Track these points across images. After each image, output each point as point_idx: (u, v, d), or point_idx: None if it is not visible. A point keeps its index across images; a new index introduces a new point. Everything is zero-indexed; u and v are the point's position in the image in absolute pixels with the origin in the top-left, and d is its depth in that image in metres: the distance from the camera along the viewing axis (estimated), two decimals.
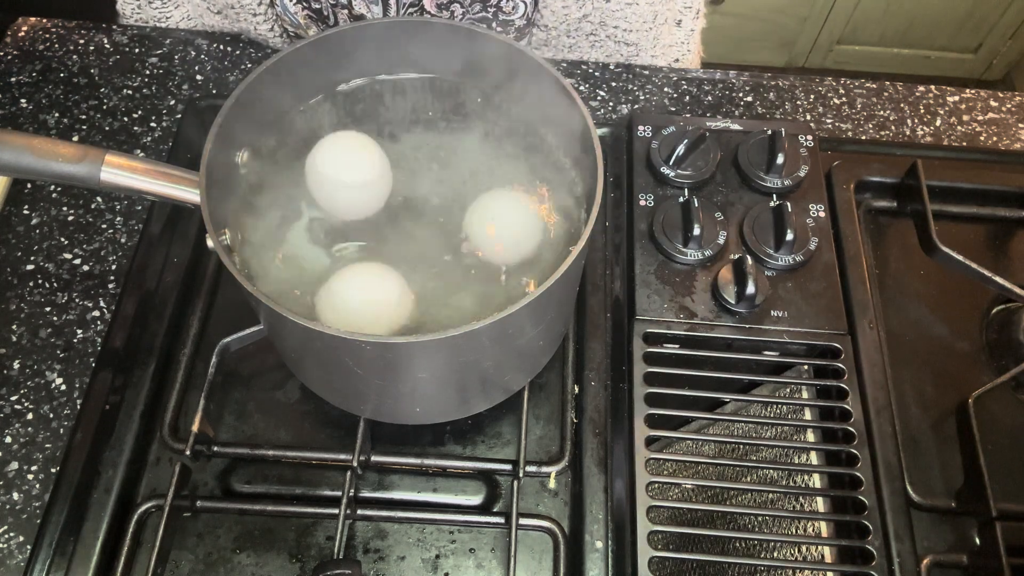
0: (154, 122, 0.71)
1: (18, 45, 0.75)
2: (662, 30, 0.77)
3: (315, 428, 0.58)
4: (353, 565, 0.49)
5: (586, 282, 0.62)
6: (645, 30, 0.75)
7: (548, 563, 0.54)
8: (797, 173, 0.64)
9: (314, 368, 0.53)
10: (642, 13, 0.74)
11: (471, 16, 0.70)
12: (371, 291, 0.48)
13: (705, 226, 0.60)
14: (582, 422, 0.57)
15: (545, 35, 0.75)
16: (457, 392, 0.53)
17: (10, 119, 0.70)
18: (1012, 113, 0.75)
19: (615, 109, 0.74)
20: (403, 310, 0.49)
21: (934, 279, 0.65)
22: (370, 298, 0.48)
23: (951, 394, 0.59)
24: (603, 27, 0.74)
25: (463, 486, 0.56)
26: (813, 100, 0.76)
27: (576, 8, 0.72)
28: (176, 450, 0.56)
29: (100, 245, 0.64)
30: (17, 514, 0.53)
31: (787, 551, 0.55)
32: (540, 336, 0.51)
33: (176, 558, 0.53)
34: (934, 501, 0.55)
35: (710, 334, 0.58)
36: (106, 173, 0.46)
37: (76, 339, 0.60)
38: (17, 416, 0.57)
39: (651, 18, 0.74)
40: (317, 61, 0.53)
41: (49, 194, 0.67)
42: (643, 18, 0.74)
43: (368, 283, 0.49)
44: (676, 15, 0.77)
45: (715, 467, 0.57)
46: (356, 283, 0.49)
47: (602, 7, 0.72)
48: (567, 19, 0.73)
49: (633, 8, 0.73)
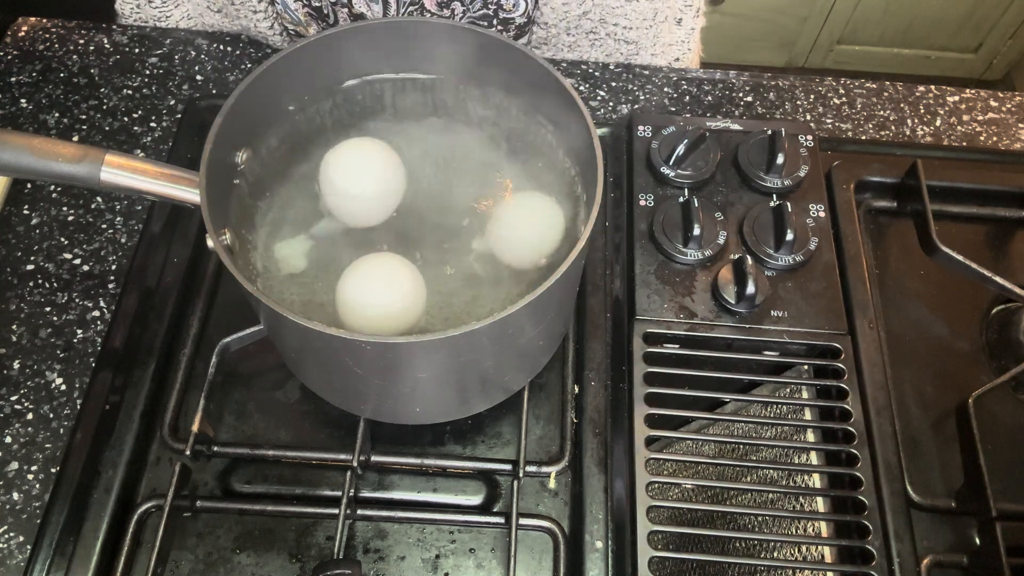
0: (154, 122, 0.71)
1: (18, 45, 0.75)
2: (662, 28, 0.77)
3: (315, 428, 0.58)
4: (353, 565, 0.49)
5: (586, 282, 0.62)
6: (645, 28, 0.75)
7: (548, 563, 0.54)
8: (797, 173, 0.64)
9: (314, 368, 0.53)
10: (642, 10, 0.73)
11: (472, 14, 0.70)
12: (391, 284, 0.49)
13: (705, 226, 0.60)
14: (582, 422, 0.57)
15: (545, 33, 0.75)
16: (457, 392, 0.53)
17: (10, 119, 0.70)
18: (1012, 113, 0.75)
19: (615, 109, 0.74)
20: (421, 303, 0.50)
21: (934, 279, 0.65)
22: (389, 291, 0.48)
23: (951, 394, 0.59)
24: (603, 24, 0.74)
25: (463, 486, 0.56)
26: (813, 100, 0.76)
27: (576, 5, 0.72)
28: (176, 450, 0.56)
29: (100, 245, 0.64)
30: (17, 514, 0.53)
31: (787, 551, 0.55)
32: (540, 336, 0.51)
33: (176, 558, 0.53)
34: (934, 501, 0.55)
35: (710, 334, 0.58)
36: (106, 173, 0.46)
37: (76, 339, 0.60)
38: (17, 416, 0.57)
39: (651, 15, 0.74)
40: (317, 61, 0.53)
41: (49, 194, 0.67)
42: (643, 15, 0.74)
43: (387, 275, 0.49)
44: (676, 13, 0.77)
45: (715, 467, 0.57)
46: (375, 275, 0.49)
47: (602, 4, 0.72)
48: (567, 16, 0.73)
49: (633, 5, 0.73)
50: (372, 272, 0.49)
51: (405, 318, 0.49)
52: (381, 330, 0.48)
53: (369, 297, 0.48)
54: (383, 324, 0.48)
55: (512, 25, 0.72)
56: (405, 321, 0.49)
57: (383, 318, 0.48)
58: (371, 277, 0.49)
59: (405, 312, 0.49)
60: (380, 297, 0.48)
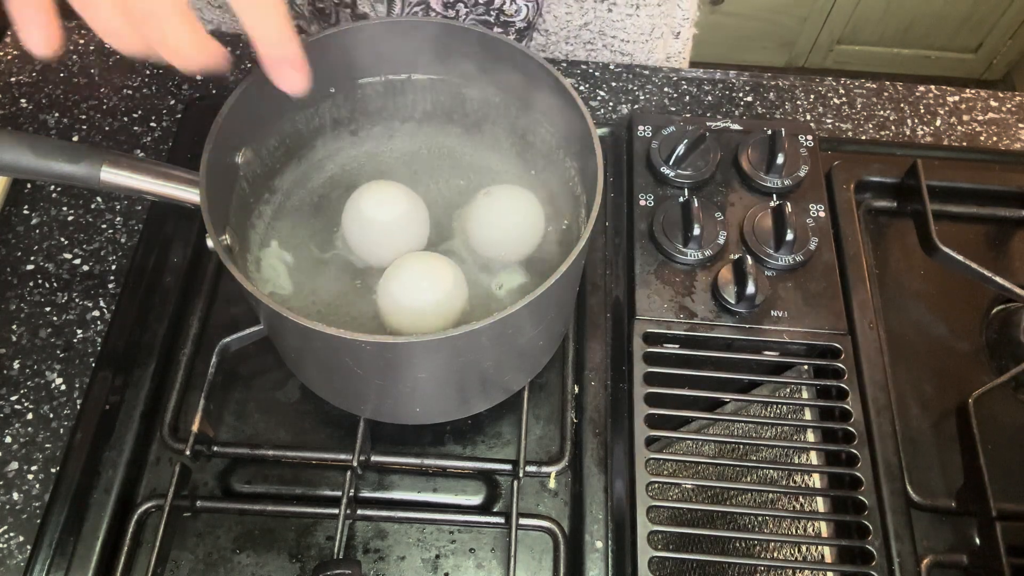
0: (154, 122, 0.71)
1: (18, 45, 0.75)
2: (658, 43, 0.77)
3: (315, 428, 0.58)
4: (353, 565, 0.49)
5: (586, 282, 0.62)
6: (642, 41, 0.76)
7: (548, 563, 0.54)
8: (797, 173, 0.64)
9: (314, 368, 0.53)
10: (641, 25, 0.74)
11: (474, 16, 0.70)
12: (434, 280, 0.50)
13: (705, 226, 0.60)
14: (582, 422, 0.57)
15: (544, 40, 0.75)
16: (457, 392, 0.53)
17: (10, 119, 0.70)
18: (1012, 113, 0.75)
19: (615, 109, 0.74)
20: (462, 298, 0.51)
21: (934, 279, 0.65)
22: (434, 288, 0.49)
23: (951, 394, 0.59)
24: (601, 36, 0.75)
25: (463, 486, 0.56)
26: (813, 100, 0.76)
27: (579, 15, 0.72)
28: (176, 450, 0.56)
29: (100, 245, 0.64)
30: (17, 514, 0.53)
31: (787, 551, 0.55)
32: (540, 336, 0.51)
33: (176, 558, 0.53)
34: (934, 501, 0.55)
35: (710, 334, 0.58)
36: (106, 173, 0.46)
37: (76, 339, 0.60)
38: (17, 416, 0.57)
39: (649, 30, 0.75)
40: (318, 60, 0.52)
41: (49, 194, 0.67)
42: (641, 30, 0.75)
43: (430, 271, 0.50)
44: (675, 27, 0.78)
45: (715, 467, 0.57)
46: (419, 270, 0.50)
47: (604, 16, 0.72)
48: (568, 25, 0.73)
49: (633, 20, 0.73)
50: (417, 268, 0.50)
51: (448, 315, 0.50)
52: (425, 327, 0.49)
53: (415, 294, 0.49)
54: (425, 322, 0.49)
55: (512, 29, 0.72)
56: (447, 318, 0.50)
57: (426, 315, 0.49)
58: (416, 274, 0.50)
59: (449, 310, 0.50)
60: (425, 295, 0.49)
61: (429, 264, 0.50)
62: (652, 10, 0.73)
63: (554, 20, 0.73)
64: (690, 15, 0.78)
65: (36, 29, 0.36)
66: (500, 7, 0.69)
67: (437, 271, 0.50)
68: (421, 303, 0.49)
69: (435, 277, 0.50)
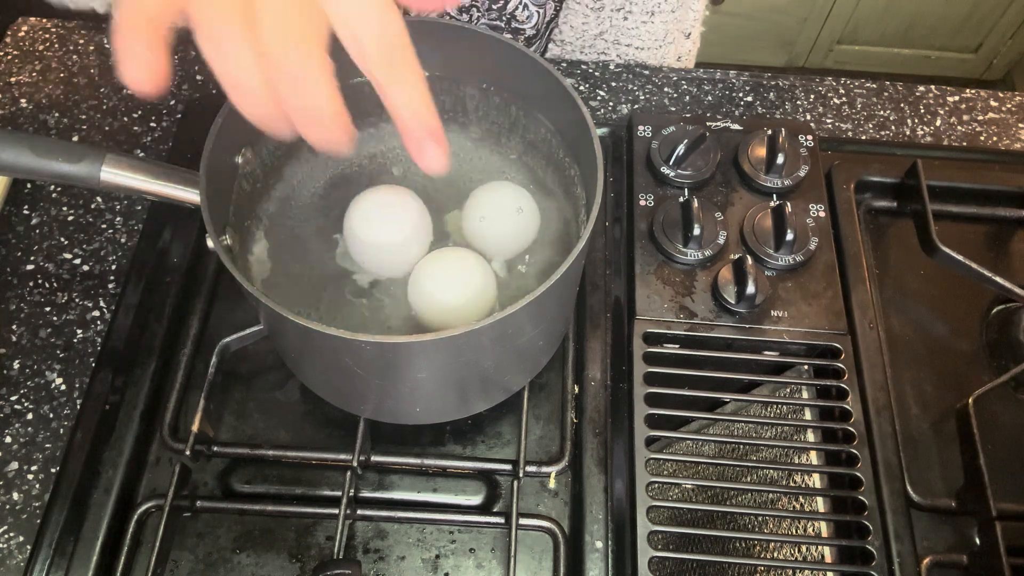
0: (154, 122, 0.71)
1: (18, 45, 0.75)
2: (670, 48, 0.78)
3: (315, 428, 0.58)
4: (353, 565, 0.49)
5: (586, 282, 0.62)
6: (655, 47, 0.76)
7: (548, 563, 0.54)
8: (797, 173, 0.64)
9: (314, 368, 0.53)
10: (655, 31, 0.74)
11: (486, 21, 0.70)
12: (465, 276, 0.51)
13: (705, 226, 0.60)
14: (582, 422, 0.57)
15: (559, 50, 0.75)
16: (457, 392, 0.53)
17: (10, 119, 0.70)
18: (1012, 113, 0.75)
19: (615, 109, 0.74)
20: (492, 293, 0.52)
21: (934, 279, 0.65)
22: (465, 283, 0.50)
23: (951, 394, 0.59)
24: (616, 45, 0.75)
25: (463, 486, 0.56)
26: (813, 100, 0.76)
27: (595, 24, 0.72)
28: (176, 450, 0.56)
29: (100, 245, 0.64)
30: (17, 514, 0.53)
31: (787, 551, 0.55)
32: (540, 336, 0.51)
33: (176, 558, 0.53)
34: (934, 501, 0.55)
35: (710, 334, 0.58)
36: (106, 173, 0.46)
37: (76, 339, 0.60)
38: (17, 416, 0.57)
39: (662, 36, 0.75)
40: None
41: (49, 194, 0.67)
42: (655, 36, 0.75)
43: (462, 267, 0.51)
44: (687, 28, 0.78)
45: (715, 467, 0.57)
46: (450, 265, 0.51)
47: (620, 24, 0.73)
48: (584, 35, 0.73)
49: (648, 26, 0.73)
50: (448, 261, 0.51)
51: (481, 309, 0.51)
52: (455, 321, 0.49)
53: (445, 290, 0.50)
54: (456, 315, 0.50)
55: (522, 36, 0.72)
56: (478, 312, 0.51)
57: (456, 309, 0.49)
58: (448, 266, 0.51)
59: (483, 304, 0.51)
60: (454, 290, 0.50)
61: (461, 260, 0.51)
62: (666, 16, 0.73)
63: (571, 30, 0.73)
64: (700, 15, 0.78)
65: (142, 66, 0.33)
66: (512, 12, 0.69)
67: (469, 267, 0.51)
68: (454, 298, 0.49)
69: (468, 273, 0.51)
